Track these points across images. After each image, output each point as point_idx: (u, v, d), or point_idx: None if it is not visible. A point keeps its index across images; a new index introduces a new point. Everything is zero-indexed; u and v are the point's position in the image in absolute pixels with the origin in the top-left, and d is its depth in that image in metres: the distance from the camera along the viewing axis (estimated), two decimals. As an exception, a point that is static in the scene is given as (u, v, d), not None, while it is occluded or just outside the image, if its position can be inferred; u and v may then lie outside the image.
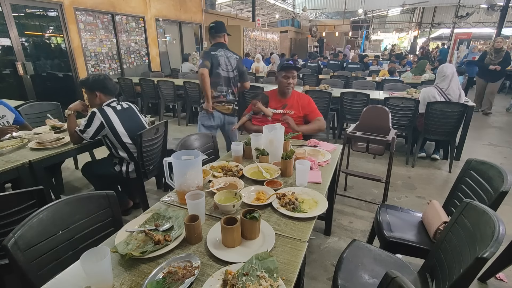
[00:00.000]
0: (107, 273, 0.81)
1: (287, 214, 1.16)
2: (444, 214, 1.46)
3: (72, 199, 1.13)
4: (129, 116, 2.13)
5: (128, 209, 2.47)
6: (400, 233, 1.52)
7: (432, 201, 1.60)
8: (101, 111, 1.98)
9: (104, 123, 1.96)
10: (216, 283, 0.82)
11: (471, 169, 1.54)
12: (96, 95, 2.03)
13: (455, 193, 1.59)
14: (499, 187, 1.27)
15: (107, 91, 2.05)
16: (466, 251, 0.99)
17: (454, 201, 1.58)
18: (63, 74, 5.50)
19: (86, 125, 1.95)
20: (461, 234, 1.09)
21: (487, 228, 0.95)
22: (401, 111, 3.50)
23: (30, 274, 0.94)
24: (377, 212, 1.71)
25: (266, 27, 19.13)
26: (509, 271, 1.79)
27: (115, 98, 2.13)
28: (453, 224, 1.16)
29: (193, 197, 1.09)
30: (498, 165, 1.40)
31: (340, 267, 1.27)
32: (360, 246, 1.41)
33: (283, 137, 1.69)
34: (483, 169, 1.47)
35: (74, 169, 3.44)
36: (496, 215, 0.97)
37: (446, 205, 1.64)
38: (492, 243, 0.86)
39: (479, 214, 1.04)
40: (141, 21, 6.94)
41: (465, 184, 1.55)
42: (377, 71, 6.78)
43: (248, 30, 11.51)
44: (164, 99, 5.38)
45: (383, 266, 1.29)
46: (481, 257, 0.84)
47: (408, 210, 1.77)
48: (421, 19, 19.99)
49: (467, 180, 1.54)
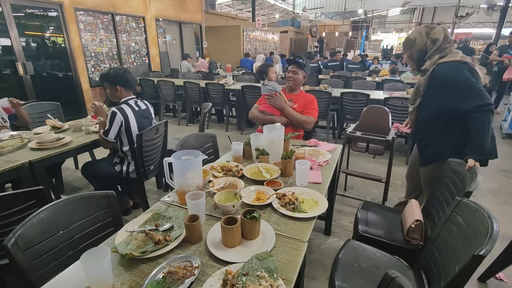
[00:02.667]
0: (107, 273, 0.81)
1: (287, 214, 1.16)
2: (418, 213, 1.47)
3: (72, 199, 1.13)
4: (144, 117, 2.17)
5: (128, 209, 2.47)
6: (375, 230, 1.56)
7: (411, 200, 1.62)
8: (121, 111, 2.01)
9: (123, 122, 2.00)
10: (216, 283, 0.82)
11: (450, 170, 1.55)
12: (117, 89, 2.06)
13: (435, 193, 1.60)
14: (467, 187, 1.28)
15: (128, 85, 2.09)
16: (460, 249, 1.00)
17: (434, 201, 1.59)
18: (63, 74, 5.50)
19: (108, 127, 1.98)
20: (454, 232, 1.10)
21: (481, 225, 0.96)
22: (401, 111, 3.50)
23: (30, 274, 0.94)
24: (358, 208, 1.74)
25: (266, 27, 19.13)
26: (509, 271, 1.79)
27: (134, 95, 2.17)
28: (446, 221, 1.17)
29: (193, 197, 1.09)
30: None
31: (336, 268, 1.26)
32: (355, 246, 1.41)
33: (283, 137, 1.69)
34: (459, 169, 1.48)
35: (74, 169, 3.44)
36: (489, 212, 0.97)
37: (427, 205, 1.65)
38: (487, 241, 0.87)
39: (472, 211, 1.05)
40: (141, 21, 6.94)
41: (444, 184, 1.56)
42: (377, 71, 6.77)
43: (248, 30, 11.49)
44: (164, 99, 5.39)
45: (378, 265, 1.29)
46: (477, 255, 0.84)
47: (391, 209, 1.83)
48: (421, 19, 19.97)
49: (445, 181, 1.55)
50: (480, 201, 2.32)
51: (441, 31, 1.64)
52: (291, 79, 2.31)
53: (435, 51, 1.66)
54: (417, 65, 1.78)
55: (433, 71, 1.65)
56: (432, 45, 1.66)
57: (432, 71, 1.65)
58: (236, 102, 5.10)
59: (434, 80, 1.65)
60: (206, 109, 3.00)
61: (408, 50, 1.76)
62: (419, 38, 1.69)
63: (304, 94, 2.39)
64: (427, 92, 1.71)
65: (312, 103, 2.32)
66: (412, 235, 1.43)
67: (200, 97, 5.05)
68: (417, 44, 1.70)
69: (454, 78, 1.57)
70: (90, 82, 5.86)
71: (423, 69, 1.73)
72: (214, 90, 4.91)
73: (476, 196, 2.83)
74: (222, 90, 4.84)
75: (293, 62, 2.36)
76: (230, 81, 5.32)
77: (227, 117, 5.18)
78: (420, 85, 1.73)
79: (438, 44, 1.65)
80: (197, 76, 6.32)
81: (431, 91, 1.69)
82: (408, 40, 1.76)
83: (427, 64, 1.70)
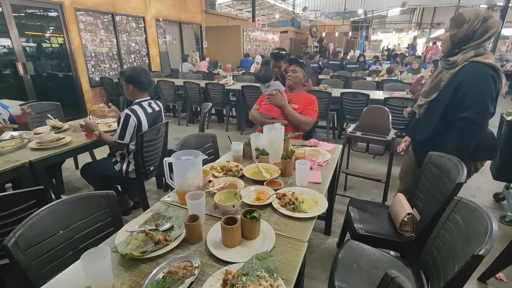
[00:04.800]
0: (107, 273, 0.81)
1: (287, 214, 1.16)
2: (408, 206, 1.50)
3: (72, 199, 1.13)
4: (154, 118, 2.18)
5: (128, 209, 2.47)
6: (370, 226, 1.57)
7: (397, 194, 1.65)
8: (134, 112, 2.02)
9: (136, 124, 2.02)
10: (216, 283, 0.82)
11: (432, 162, 1.56)
12: (131, 88, 2.08)
13: (418, 186, 1.62)
14: (455, 179, 1.28)
15: (141, 86, 2.09)
16: (459, 248, 1.00)
17: (418, 194, 1.61)
18: (63, 74, 5.50)
19: (122, 130, 1.99)
20: (453, 231, 1.10)
21: (479, 225, 0.96)
22: (401, 111, 3.49)
23: (30, 274, 0.94)
24: (348, 207, 1.76)
25: (266, 27, 19.13)
26: (509, 271, 1.79)
27: (148, 96, 2.18)
28: (445, 221, 1.17)
29: (193, 197, 1.09)
30: (454, 157, 1.43)
31: (336, 268, 1.26)
32: (354, 246, 1.41)
33: (283, 137, 1.69)
34: (441, 162, 1.49)
35: (74, 169, 3.44)
36: (487, 212, 0.98)
37: (411, 198, 1.67)
38: (486, 240, 0.87)
39: (470, 211, 1.05)
40: (141, 21, 6.95)
41: (426, 177, 1.57)
42: (378, 71, 6.78)
43: (248, 30, 11.49)
44: (164, 99, 5.39)
45: (377, 265, 1.29)
46: (477, 255, 0.84)
47: (375, 204, 1.86)
48: (421, 19, 19.98)
49: (427, 173, 1.57)
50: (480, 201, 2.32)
51: (497, 23, 1.45)
52: (290, 77, 2.30)
53: (477, 44, 1.48)
54: (450, 51, 1.57)
55: (463, 70, 1.49)
56: (482, 35, 1.46)
57: (461, 69, 1.49)
58: (236, 102, 5.10)
59: (462, 81, 1.49)
60: (206, 109, 3.00)
61: (455, 29, 1.51)
62: (474, 21, 1.45)
63: (305, 95, 2.38)
64: (448, 90, 1.55)
65: (313, 104, 2.32)
66: (405, 228, 1.47)
67: (200, 97, 5.06)
68: (469, 26, 1.46)
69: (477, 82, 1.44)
70: (90, 82, 5.87)
71: (452, 60, 1.53)
72: (214, 90, 4.91)
73: (476, 196, 2.83)
74: (222, 90, 4.84)
75: (293, 61, 2.36)
76: (230, 81, 5.33)
77: (227, 117, 5.18)
78: (443, 80, 1.56)
79: (486, 36, 1.46)
80: (197, 76, 6.33)
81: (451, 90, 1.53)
82: (460, 18, 1.50)
83: (459, 57, 1.51)
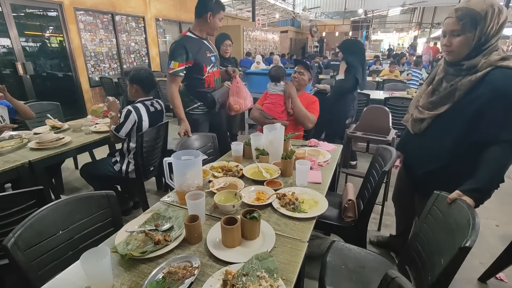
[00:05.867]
0: (107, 273, 0.81)
1: (287, 214, 1.16)
2: (352, 194, 1.59)
3: (72, 199, 1.13)
4: (156, 118, 2.19)
5: (128, 209, 2.47)
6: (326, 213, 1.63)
7: (347, 184, 1.72)
8: (136, 109, 2.03)
9: (136, 121, 2.02)
10: (216, 283, 0.82)
11: (379, 155, 1.68)
12: (134, 88, 2.11)
13: (368, 178, 1.72)
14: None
15: (144, 87, 2.12)
16: (444, 241, 1.02)
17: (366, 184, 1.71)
18: (63, 74, 5.50)
19: (121, 124, 2.00)
20: (436, 225, 1.12)
21: (462, 217, 0.99)
22: (401, 111, 3.49)
23: (30, 274, 0.94)
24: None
25: (266, 27, 19.12)
26: (509, 271, 1.79)
27: (151, 96, 2.19)
28: (427, 215, 1.18)
29: (193, 197, 1.09)
30: (392, 148, 1.58)
31: (325, 273, 1.24)
32: (340, 247, 1.41)
33: (283, 137, 1.69)
34: (384, 153, 1.61)
35: (74, 169, 3.44)
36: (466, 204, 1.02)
37: (362, 188, 1.77)
38: (470, 232, 0.89)
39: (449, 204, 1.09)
40: (141, 21, 6.94)
41: (373, 167, 1.69)
42: (378, 71, 6.78)
43: (248, 30, 11.49)
44: (164, 99, 5.37)
45: (364, 265, 1.30)
46: (464, 247, 0.87)
47: (336, 194, 1.95)
48: (421, 19, 19.97)
49: (375, 165, 1.68)
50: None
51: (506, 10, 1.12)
52: (296, 79, 2.33)
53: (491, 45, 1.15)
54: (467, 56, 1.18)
55: (488, 76, 1.13)
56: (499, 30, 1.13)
57: (486, 75, 1.13)
58: (236, 102, 5.08)
59: (491, 90, 1.12)
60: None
61: (471, 30, 1.13)
62: (493, 14, 1.10)
63: (307, 95, 2.40)
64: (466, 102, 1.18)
65: (314, 104, 2.33)
66: (347, 213, 1.56)
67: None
68: (488, 22, 1.11)
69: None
70: (90, 82, 5.86)
71: (468, 65, 1.18)
72: (214, 90, 4.90)
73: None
74: (222, 90, 4.83)
75: (300, 62, 2.38)
76: (230, 81, 5.31)
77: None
78: (460, 89, 1.19)
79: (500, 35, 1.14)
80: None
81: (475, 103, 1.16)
82: (472, 14, 1.12)
83: (478, 60, 1.15)
